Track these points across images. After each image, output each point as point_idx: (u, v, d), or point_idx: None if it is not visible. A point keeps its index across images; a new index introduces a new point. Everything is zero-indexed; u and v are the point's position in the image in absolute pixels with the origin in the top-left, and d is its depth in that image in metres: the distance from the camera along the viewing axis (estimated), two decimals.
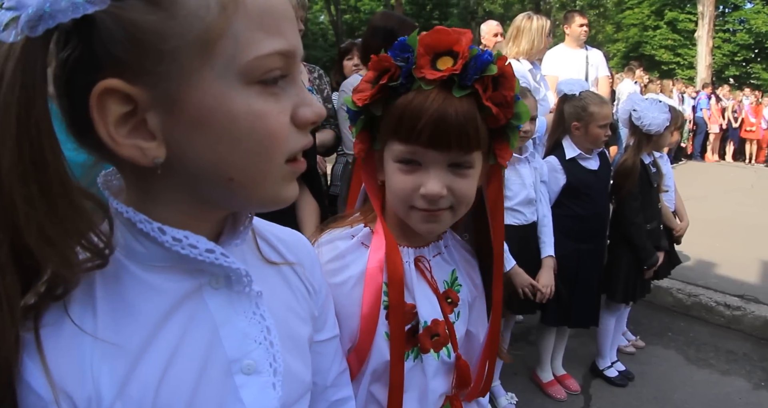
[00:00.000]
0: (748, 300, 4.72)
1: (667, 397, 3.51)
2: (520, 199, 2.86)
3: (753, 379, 3.84)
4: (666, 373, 3.80)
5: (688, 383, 3.70)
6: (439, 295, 1.17)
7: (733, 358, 4.10)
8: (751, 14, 30.10)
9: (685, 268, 5.26)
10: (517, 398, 3.27)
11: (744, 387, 3.73)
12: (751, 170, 13.94)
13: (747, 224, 7.53)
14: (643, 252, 3.37)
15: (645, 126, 3.30)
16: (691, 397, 3.53)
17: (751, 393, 3.67)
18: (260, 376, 0.76)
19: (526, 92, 2.89)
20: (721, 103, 14.90)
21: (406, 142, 1.02)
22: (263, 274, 0.83)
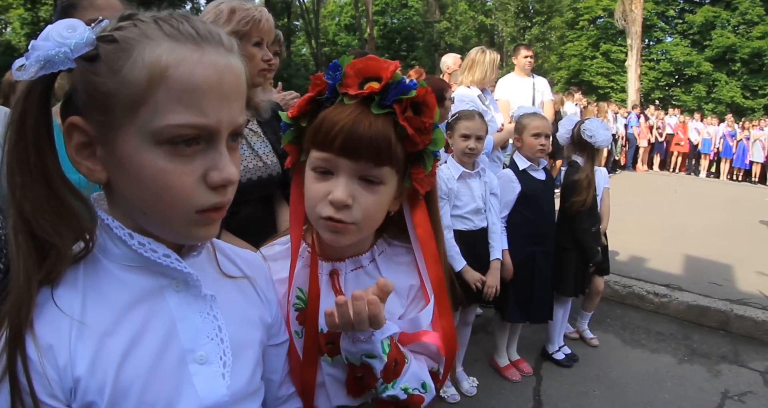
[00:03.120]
0: (674, 288, 4.78)
1: (606, 374, 3.53)
2: (470, 209, 2.85)
3: (678, 355, 3.90)
4: (605, 354, 3.82)
5: (624, 361, 3.73)
6: None
7: (661, 338, 4.15)
8: (671, 46, 30.73)
9: (620, 263, 5.37)
10: (478, 382, 3.26)
11: (671, 362, 3.79)
12: (675, 178, 14.18)
13: (672, 224, 7.61)
14: (590, 252, 3.39)
15: (596, 142, 3.31)
16: (627, 373, 3.56)
17: (676, 367, 3.73)
18: (211, 366, 0.80)
19: (475, 115, 2.88)
20: (649, 121, 15.09)
21: (322, 149, 0.95)
22: (221, 284, 0.87)
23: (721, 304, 4.48)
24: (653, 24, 30.57)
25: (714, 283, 5.03)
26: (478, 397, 3.15)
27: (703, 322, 4.43)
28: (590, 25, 32.59)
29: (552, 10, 37.34)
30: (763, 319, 4.28)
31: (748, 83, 28.14)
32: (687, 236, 6.90)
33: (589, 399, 3.21)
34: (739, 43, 27.96)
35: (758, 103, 27.45)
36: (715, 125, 15.78)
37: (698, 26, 29.50)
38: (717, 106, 27.38)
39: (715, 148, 15.52)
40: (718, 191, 12.22)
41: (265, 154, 1.98)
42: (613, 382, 3.43)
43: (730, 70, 28.71)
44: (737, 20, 28.62)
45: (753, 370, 3.77)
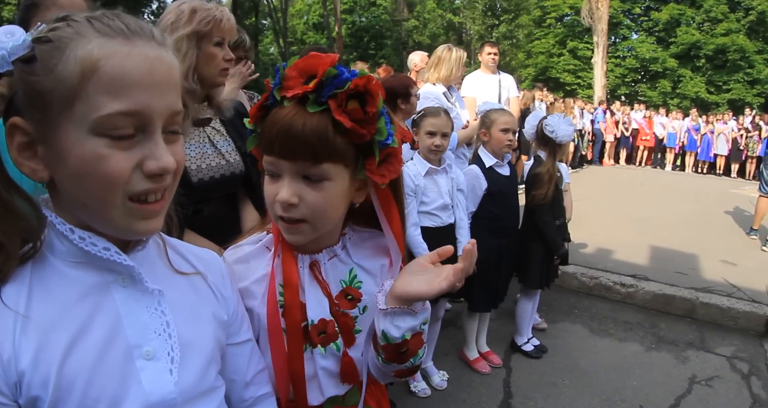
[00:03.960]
0: (640, 278, 4.89)
1: (575, 363, 3.58)
2: (437, 205, 2.87)
3: (645, 343, 3.99)
4: (574, 344, 3.87)
5: (593, 351, 3.80)
6: (331, 297, 1.12)
7: (629, 327, 4.23)
8: (637, 43, 31.31)
9: (587, 255, 5.47)
10: (448, 375, 3.28)
11: (638, 350, 3.86)
12: (641, 171, 14.53)
13: (637, 216, 7.76)
14: (554, 244, 3.44)
15: (558, 138, 3.35)
16: (595, 362, 3.62)
17: (644, 354, 3.81)
18: (158, 362, 0.80)
19: (441, 112, 2.90)
20: (615, 116, 15.40)
21: (267, 152, 1.00)
22: (171, 280, 0.89)
23: (687, 293, 4.60)
24: (619, 21, 31.15)
25: (680, 272, 5.16)
26: (449, 390, 3.17)
27: (670, 311, 4.54)
28: (557, 22, 33.09)
29: (519, 8, 37.65)
30: (728, 306, 4.41)
31: (713, 79, 28.87)
32: (653, 228, 7.05)
33: (559, 388, 3.26)
34: (703, 39, 28.66)
35: (722, 98, 28.17)
36: (680, 120, 16.23)
37: (663, 23, 30.17)
38: (682, 101, 28.03)
39: (680, 142, 15.99)
40: (684, 184, 12.52)
41: (228, 152, 1.99)
42: (582, 371, 3.49)
43: (694, 66, 29.41)
44: (702, 18, 29.35)
45: (719, 355, 3.88)
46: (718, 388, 3.42)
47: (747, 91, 27.66)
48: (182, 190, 1.78)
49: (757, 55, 28.34)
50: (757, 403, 3.29)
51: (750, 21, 28.77)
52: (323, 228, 1.06)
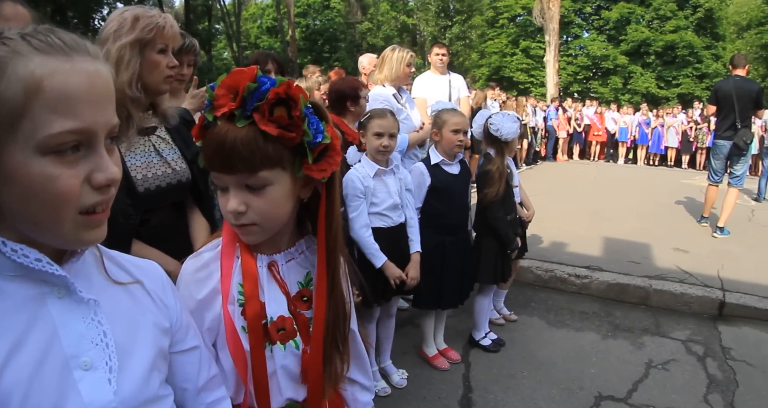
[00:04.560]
0: (594, 269, 5.00)
1: (533, 355, 3.64)
2: (387, 206, 2.90)
3: (601, 331, 4.08)
4: (531, 337, 3.94)
5: (550, 342, 3.87)
6: (289, 296, 1.18)
7: (585, 317, 4.33)
8: (588, 42, 32.07)
9: (542, 248, 5.56)
10: (408, 373, 3.30)
11: (595, 338, 3.95)
12: (594, 166, 14.89)
13: (590, 209, 7.95)
14: (507, 239, 3.48)
15: (503, 135, 3.41)
16: (553, 353, 3.69)
17: (600, 342, 3.89)
18: (96, 372, 0.80)
19: (387, 113, 2.94)
20: (567, 113, 15.76)
21: (210, 169, 1.06)
22: (109, 290, 0.89)
23: (640, 281, 4.74)
24: (571, 21, 31.85)
25: (633, 261, 5.30)
26: (409, 388, 3.19)
27: (624, 299, 4.67)
28: (510, 23, 33.59)
29: (472, 9, 38.17)
30: (681, 292, 4.57)
31: (662, 74, 29.79)
32: (606, 220, 7.23)
33: (518, 380, 3.31)
34: (653, 37, 29.60)
35: (672, 93, 29.08)
36: (631, 114, 16.68)
37: (614, 22, 30.98)
38: (633, 96, 28.84)
39: (631, 136, 16.45)
40: (636, 176, 12.84)
41: (174, 160, 1.98)
42: (540, 362, 3.55)
43: (644, 62, 30.30)
44: (651, 15, 30.28)
45: (674, 339, 4.01)
46: (675, 371, 3.53)
47: (696, 85, 28.63)
48: (129, 200, 1.79)
49: (705, 51, 29.45)
50: (713, 383, 3.40)
51: (698, 18, 29.91)
52: (274, 227, 1.12)
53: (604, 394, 3.22)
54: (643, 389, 3.30)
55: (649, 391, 3.28)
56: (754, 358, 3.76)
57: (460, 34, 37.76)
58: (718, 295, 4.56)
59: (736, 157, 6.74)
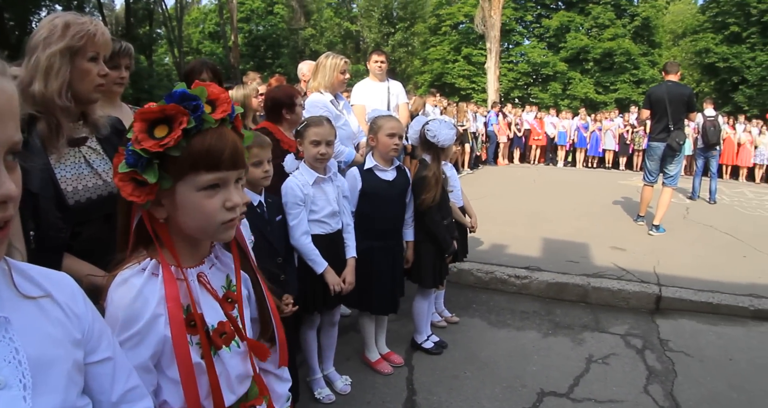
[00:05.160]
0: (533, 270, 5.12)
1: (475, 356, 3.70)
2: (326, 213, 2.94)
3: (542, 329, 4.18)
4: (473, 338, 4.00)
5: (492, 342, 3.93)
6: (220, 300, 1.24)
7: (526, 316, 4.42)
8: (529, 49, 32.82)
9: (482, 251, 5.64)
10: (351, 379, 3.31)
11: (536, 337, 4.04)
12: (534, 169, 15.21)
13: (530, 211, 8.11)
14: (445, 243, 3.54)
15: (440, 142, 3.46)
16: (495, 352, 3.76)
17: (541, 341, 3.99)
18: (11, 390, 0.78)
19: (324, 120, 2.96)
20: (507, 118, 16.11)
21: (213, 169, 1.12)
22: (19, 305, 0.86)
23: (579, 279, 4.90)
24: (512, 28, 32.56)
25: (571, 261, 5.47)
26: (353, 394, 3.21)
27: (564, 297, 4.81)
28: (452, 30, 34.07)
29: (415, 16, 38.61)
30: (618, 288, 4.75)
31: (600, 80, 30.78)
32: (545, 221, 7.41)
33: (461, 381, 3.36)
34: (591, 44, 30.56)
35: (610, 98, 30.08)
36: (570, 119, 17.22)
37: (554, 30, 31.84)
38: (572, 101, 29.69)
39: (570, 140, 16.98)
40: (575, 178, 13.23)
41: (105, 171, 1.94)
42: (483, 362, 3.60)
43: (583, 68, 31.24)
44: (590, 24, 31.30)
45: (614, 334, 4.16)
46: (615, 365, 3.66)
47: (633, 91, 29.69)
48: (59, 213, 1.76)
49: (641, 58, 30.70)
50: (653, 374, 3.55)
51: (635, 26, 31.17)
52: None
53: (547, 390, 3.31)
54: (584, 384, 3.40)
55: (590, 385, 3.38)
56: (691, 349, 3.95)
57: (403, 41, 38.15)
58: (654, 290, 4.77)
59: (670, 158, 7.06)
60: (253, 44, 37.67)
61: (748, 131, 15.92)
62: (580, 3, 31.68)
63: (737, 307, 4.64)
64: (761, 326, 4.45)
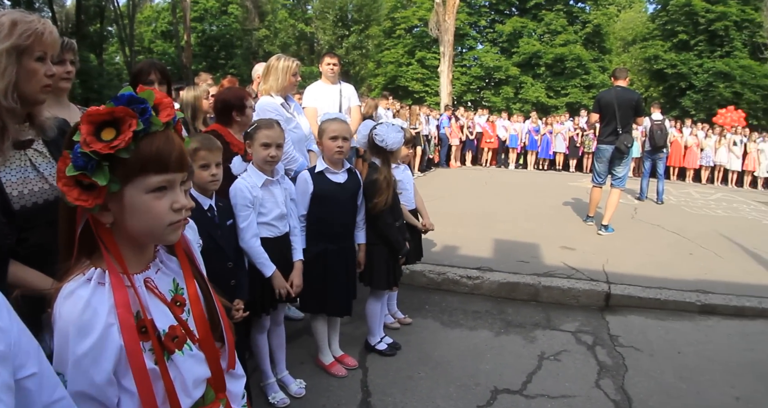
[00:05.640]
0: (485, 270, 5.18)
1: (429, 356, 3.72)
2: (274, 215, 2.93)
3: (494, 328, 4.23)
4: (427, 338, 4.02)
5: (445, 342, 3.97)
6: (169, 304, 1.23)
7: (478, 316, 4.47)
8: (482, 53, 33.33)
9: (434, 252, 5.69)
10: (305, 382, 3.29)
11: (488, 336, 4.10)
12: (486, 171, 15.46)
13: (482, 212, 8.23)
14: (397, 245, 3.57)
15: (388, 145, 3.49)
16: (448, 352, 3.79)
17: (494, 339, 4.04)
18: None
19: (274, 123, 2.96)
20: (459, 121, 16.32)
21: (163, 172, 1.13)
22: None
23: (530, 279, 4.99)
24: (466, 33, 32.99)
25: (522, 261, 5.58)
26: (308, 397, 3.20)
27: (515, 297, 4.89)
28: (406, 33, 34.29)
29: (370, 19, 38.68)
30: (569, 287, 4.88)
31: (552, 85, 31.51)
32: (497, 222, 7.52)
33: (415, 381, 3.38)
34: (543, 49, 31.26)
35: (561, 102, 30.83)
36: (521, 122, 17.58)
37: (507, 35, 32.44)
38: (524, 105, 30.30)
39: (521, 143, 17.34)
40: (526, 180, 13.50)
41: (51, 175, 1.89)
42: (436, 362, 3.63)
43: (535, 73, 31.91)
44: (542, 30, 32.02)
45: (565, 331, 4.26)
46: (566, 361, 3.75)
47: (583, 95, 30.50)
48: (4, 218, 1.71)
49: (592, 63, 31.60)
50: (604, 369, 3.65)
51: (587, 33, 32.15)
52: None
53: (500, 387, 3.36)
54: (537, 380, 3.47)
55: (543, 382, 3.46)
56: (641, 343, 4.08)
57: (357, 44, 38.17)
58: (603, 287, 4.92)
59: (618, 160, 7.29)
60: (206, 44, 37.07)
61: (694, 135, 16.67)
62: (533, 9, 32.43)
63: (684, 302, 4.83)
64: (708, 320, 4.65)
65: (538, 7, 32.21)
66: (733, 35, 29.56)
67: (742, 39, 29.59)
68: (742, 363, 3.88)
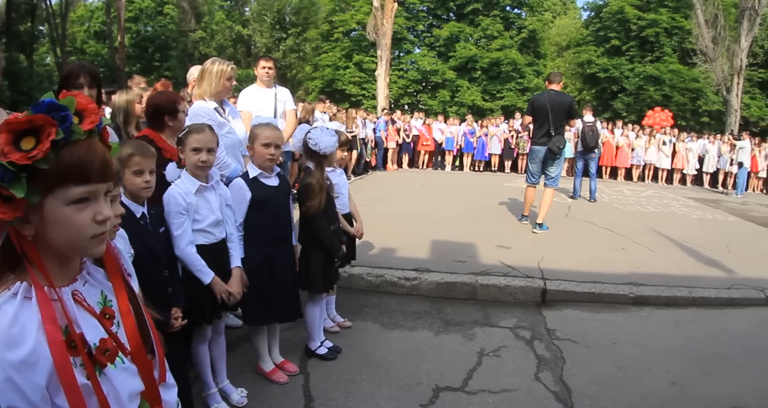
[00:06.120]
0: (422, 271, 5.20)
1: (370, 358, 3.71)
2: (209, 222, 2.86)
3: (434, 328, 4.26)
4: (367, 341, 4.01)
5: (385, 343, 3.97)
6: (98, 317, 1.18)
7: (417, 316, 4.49)
8: (419, 57, 33.86)
9: (372, 255, 5.69)
10: (247, 391, 3.23)
11: (428, 335, 4.12)
12: (423, 174, 15.62)
13: (418, 214, 8.25)
14: (332, 248, 3.56)
15: (322, 150, 3.47)
16: (389, 353, 3.79)
17: (434, 338, 4.07)
18: None
19: (205, 127, 2.90)
20: (396, 124, 16.42)
21: (84, 182, 1.07)
22: None
23: (467, 278, 5.06)
24: (403, 37, 33.39)
25: (459, 260, 5.64)
26: (250, 405, 3.13)
27: (453, 296, 4.95)
28: (344, 37, 34.38)
29: (308, 22, 38.59)
30: (505, 284, 4.97)
31: (487, 88, 32.36)
32: (434, 223, 7.59)
33: (357, 384, 3.36)
34: (480, 54, 32.09)
35: (496, 105, 31.67)
36: (457, 125, 17.85)
37: (444, 39, 33.11)
38: (460, 108, 30.91)
39: (457, 145, 17.62)
40: (462, 182, 13.71)
41: None
42: (377, 364, 3.62)
43: (471, 77, 32.68)
44: (479, 35, 32.83)
45: (503, 327, 4.33)
46: (506, 356, 3.81)
47: (518, 98, 31.41)
48: None
49: (527, 67, 32.67)
50: (542, 362, 3.74)
51: (522, 38, 33.24)
52: None
53: (442, 385, 3.38)
54: (477, 377, 3.52)
55: (484, 378, 3.50)
56: (577, 336, 4.21)
57: (295, 47, 38.00)
58: (539, 283, 5.06)
59: (551, 161, 7.52)
60: (141, 45, 36.02)
61: (625, 135, 17.50)
62: (470, 15, 33.18)
63: (618, 295, 5.03)
64: (641, 311, 4.86)
65: (475, 13, 33.00)
66: (664, 41, 31.34)
67: (671, 45, 31.38)
68: (675, 349, 4.08)
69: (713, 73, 25.57)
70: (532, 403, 3.26)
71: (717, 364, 3.89)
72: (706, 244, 7.39)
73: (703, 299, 5.15)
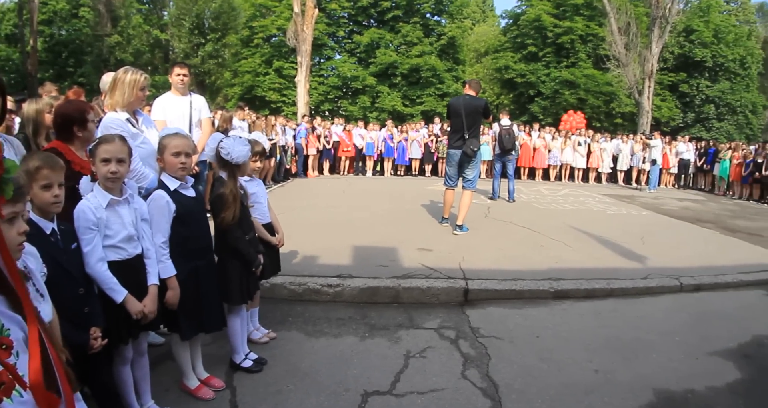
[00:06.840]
0: (345, 277, 5.17)
1: (296, 368, 3.65)
2: (121, 237, 2.71)
3: (359, 333, 4.25)
4: (293, 350, 3.94)
5: (311, 352, 3.91)
6: None
7: (342, 322, 4.45)
8: (340, 63, 33.81)
9: (294, 263, 5.61)
10: None
11: (354, 341, 4.10)
12: (344, 180, 15.55)
13: (339, 221, 8.23)
14: (249, 257, 3.49)
15: (234, 159, 3.39)
16: (315, 362, 3.73)
17: (359, 344, 4.05)
18: None
19: (115, 137, 2.76)
20: (316, 131, 16.28)
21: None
22: None
23: (390, 282, 5.08)
24: (324, 43, 33.26)
25: (381, 265, 5.66)
26: None
27: (377, 300, 4.94)
28: (264, 43, 33.88)
29: (227, 27, 37.68)
30: (428, 286, 5.03)
31: (408, 93, 32.81)
32: (355, 229, 7.58)
33: (285, 395, 3.30)
34: (400, 60, 32.48)
35: (416, 110, 32.14)
36: (377, 130, 17.94)
37: (365, 46, 33.22)
38: (381, 114, 31.16)
39: (378, 150, 17.70)
40: (383, 187, 13.77)
41: None
42: (304, 373, 3.57)
43: (392, 82, 33.03)
44: (399, 41, 33.18)
45: (428, 328, 4.37)
46: (432, 357, 3.84)
47: (438, 103, 31.97)
48: None
49: (446, 73, 33.35)
50: (468, 360, 3.80)
51: (442, 44, 33.90)
52: None
53: (370, 390, 3.37)
54: (405, 379, 3.53)
55: (411, 379, 3.52)
56: (501, 332, 4.31)
57: (214, 53, 37.00)
58: (461, 284, 5.14)
59: (467, 163, 7.69)
60: (54, 50, 33.97)
61: (542, 137, 18.29)
62: (390, 21, 33.50)
63: (539, 290, 5.20)
64: (562, 304, 5.04)
65: (396, 20, 33.35)
66: (579, 48, 32.92)
67: (586, 51, 33.01)
68: (597, 339, 4.26)
69: (626, 77, 27.08)
70: (460, 400, 3.30)
71: (637, 349, 4.10)
72: (621, 237, 7.79)
73: (621, 290, 5.42)
